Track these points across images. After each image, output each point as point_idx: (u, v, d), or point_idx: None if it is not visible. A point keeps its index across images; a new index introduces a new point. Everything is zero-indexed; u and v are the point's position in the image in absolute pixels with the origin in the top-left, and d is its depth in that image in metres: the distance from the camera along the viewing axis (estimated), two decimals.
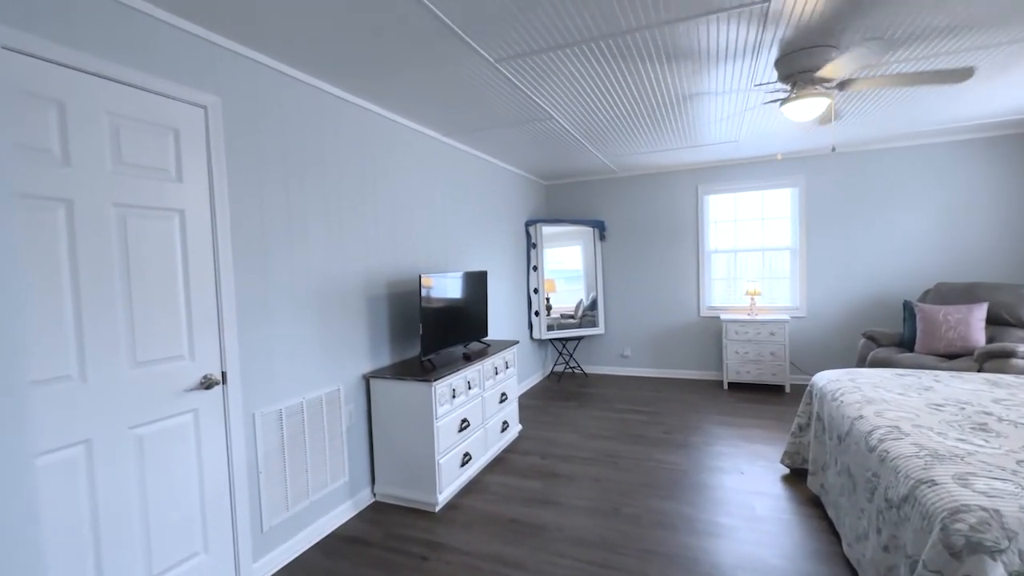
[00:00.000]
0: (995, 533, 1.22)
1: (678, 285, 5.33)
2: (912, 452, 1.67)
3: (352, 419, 2.69)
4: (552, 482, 2.97)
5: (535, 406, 4.53)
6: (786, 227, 4.96)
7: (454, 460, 2.79)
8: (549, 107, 2.99)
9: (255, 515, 2.11)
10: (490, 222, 4.43)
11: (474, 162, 4.13)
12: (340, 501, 2.58)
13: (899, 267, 4.51)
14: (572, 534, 2.40)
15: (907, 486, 1.54)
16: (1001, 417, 1.96)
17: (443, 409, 2.70)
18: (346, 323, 2.64)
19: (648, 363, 5.49)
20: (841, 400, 2.35)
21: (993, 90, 3.02)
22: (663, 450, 3.38)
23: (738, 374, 4.75)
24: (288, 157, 2.30)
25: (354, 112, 2.72)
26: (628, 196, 5.48)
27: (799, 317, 4.86)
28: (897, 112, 3.43)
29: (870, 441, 1.89)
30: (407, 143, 3.19)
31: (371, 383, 2.76)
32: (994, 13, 2.01)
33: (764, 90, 2.82)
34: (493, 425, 3.29)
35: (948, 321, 3.62)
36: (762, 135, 3.99)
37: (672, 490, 2.81)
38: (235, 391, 2.02)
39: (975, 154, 4.23)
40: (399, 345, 3.10)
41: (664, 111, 3.16)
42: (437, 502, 2.63)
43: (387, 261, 2.98)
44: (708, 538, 2.33)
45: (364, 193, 2.79)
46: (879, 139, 4.28)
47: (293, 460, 2.29)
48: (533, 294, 5.26)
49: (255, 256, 2.13)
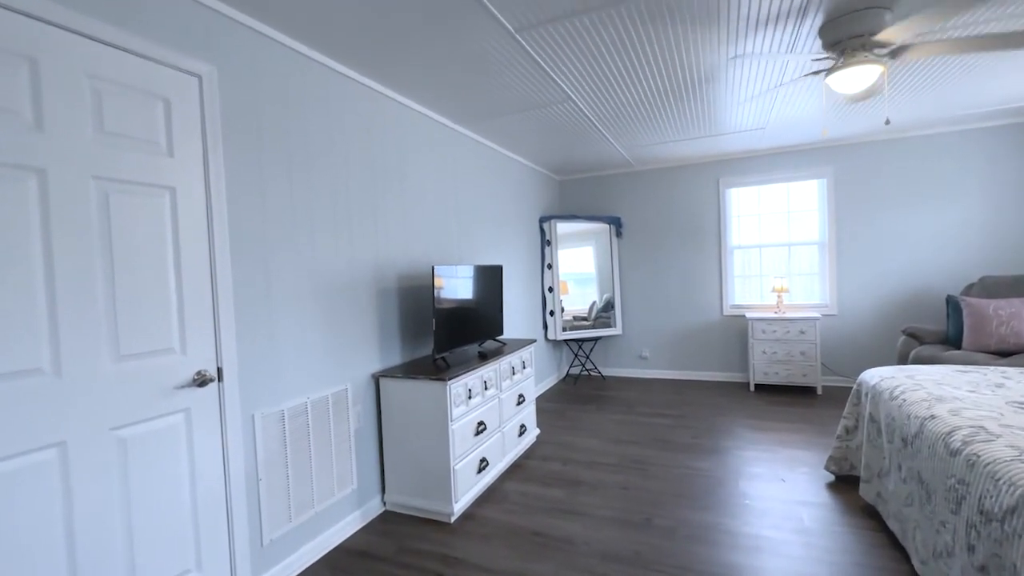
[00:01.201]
0: None
1: (699, 283, 5.10)
2: (1012, 456, 1.43)
3: (361, 421, 2.49)
4: (576, 490, 2.74)
5: (552, 409, 4.30)
6: (814, 221, 4.71)
7: (470, 466, 2.57)
8: (568, 87, 2.80)
9: (254, 527, 1.91)
10: (503, 217, 4.23)
11: (487, 153, 3.94)
12: (348, 511, 2.38)
13: (938, 260, 4.24)
14: (601, 548, 2.18)
15: (1013, 496, 1.30)
16: None
17: (459, 411, 2.49)
18: (354, 318, 2.45)
19: (668, 365, 5.25)
20: (903, 399, 2.11)
21: None
22: (692, 456, 3.14)
23: (766, 375, 4.49)
24: (291, 137, 2.12)
25: (362, 93, 2.54)
26: (645, 191, 5.27)
27: (830, 315, 4.60)
28: (942, 93, 3.20)
29: (951, 444, 1.65)
30: (418, 130, 3.01)
31: (381, 383, 2.56)
32: None
33: (804, 61, 2.61)
34: (511, 429, 3.07)
35: (999, 316, 3.36)
36: (791, 122, 3.77)
37: (707, 499, 2.57)
38: (232, 390, 1.82)
39: (1019, 139, 3.97)
40: (411, 343, 2.90)
41: (690, 89, 2.95)
42: (453, 512, 2.42)
43: (398, 253, 2.79)
44: (753, 554, 2.09)
45: (373, 180, 2.61)
46: (915, 125, 4.04)
47: (297, 466, 2.09)
48: (548, 293, 5.05)
49: (255, 243, 1.95)
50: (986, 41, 2.17)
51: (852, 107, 3.47)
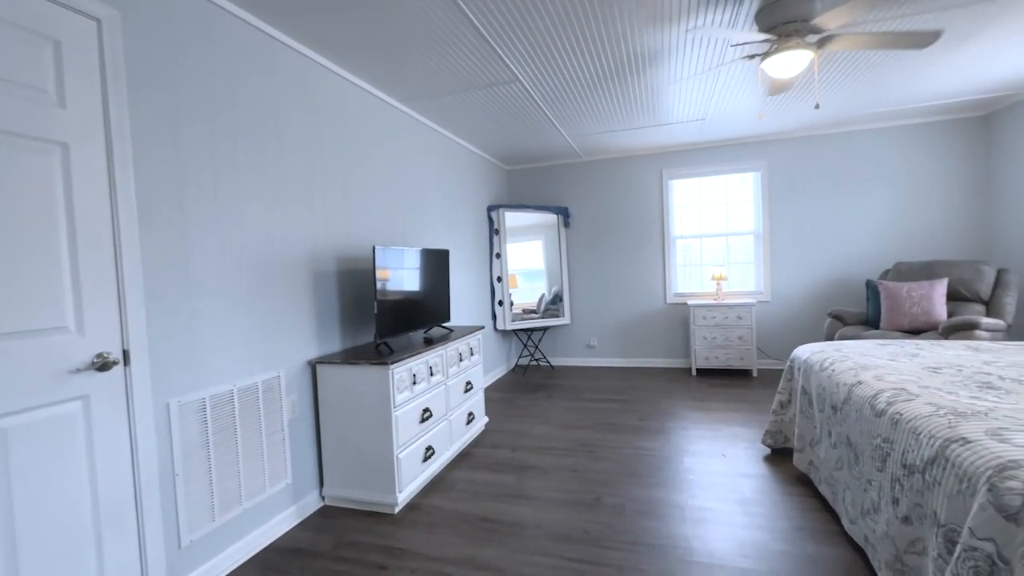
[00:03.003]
0: None
1: (644, 272, 5.21)
2: (930, 412, 1.52)
3: (296, 411, 2.32)
4: (525, 475, 2.70)
5: (502, 399, 4.25)
6: (749, 212, 4.94)
7: (415, 455, 2.47)
8: (513, 64, 2.74)
9: (170, 528, 1.72)
10: (451, 204, 4.13)
11: (434, 137, 3.82)
12: (281, 507, 2.21)
13: (859, 248, 4.56)
14: (552, 530, 2.14)
15: (933, 447, 1.38)
16: (1001, 376, 1.86)
17: (402, 396, 2.38)
18: (288, 301, 2.28)
19: (615, 352, 5.34)
20: (832, 369, 2.21)
21: (956, 65, 3.04)
22: (639, 437, 3.19)
23: (707, 360, 4.66)
24: (217, 102, 1.93)
25: (300, 63, 2.37)
26: (592, 182, 5.33)
27: (764, 301, 4.84)
28: (864, 88, 3.42)
29: (877, 405, 1.74)
30: (361, 107, 2.86)
31: (318, 370, 2.40)
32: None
33: (739, 52, 2.69)
34: (458, 416, 2.99)
35: (912, 297, 3.64)
36: (728, 115, 3.91)
37: (654, 477, 2.61)
38: (142, 375, 1.63)
39: (930, 137, 4.34)
40: (351, 329, 2.74)
41: (633, 70, 2.98)
42: (396, 502, 2.30)
43: (338, 234, 2.63)
44: (699, 524, 2.13)
45: (311, 156, 2.44)
46: (838, 122, 4.31)
47: (221, 460, 1.91)
48: (496, 283, 4.99)
49: (171, 212, 1.75)
50: (897, 38, 2.32)
51: (784, 102, 3.64)
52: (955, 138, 4.28)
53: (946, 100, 3.81)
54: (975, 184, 4.26)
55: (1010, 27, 2.57)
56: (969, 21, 2.50)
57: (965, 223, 4.30)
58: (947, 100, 3.81)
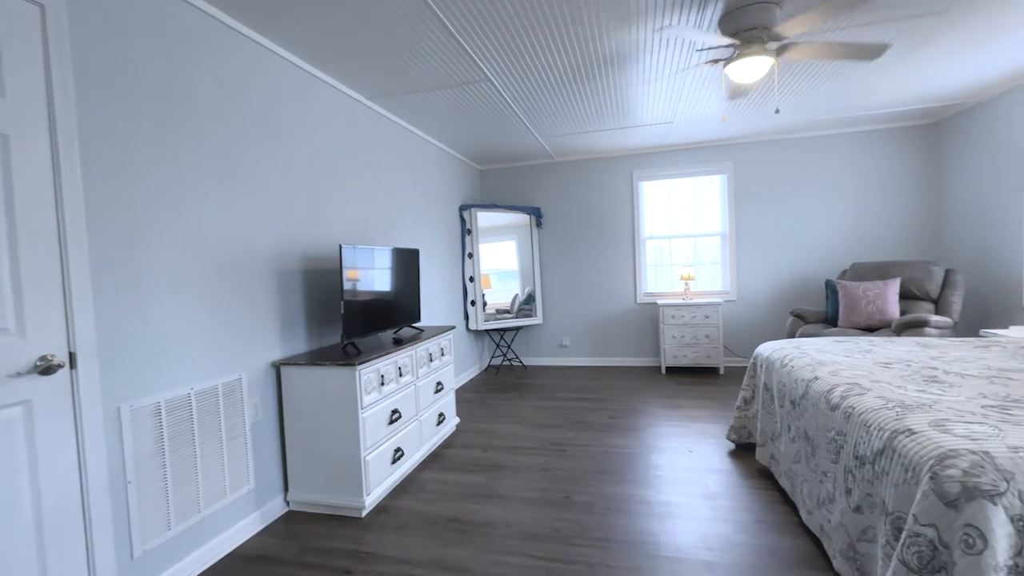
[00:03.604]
0: (991, 475, 1.12)
1: (615, 272, 5.28)
2: (879, 405, 1.58)
3: (259, 414, 2.25)
4: (496, 475, 2.70)
5: (474, 399, 4.24)
6: (716, 213, 5.06)
7: (384, 456, 2.43)
8: (484, 64, 2.74)
9: (122, 538, 1.64)
10: (422, 203, 4.09)
11: (405, 135, 3.78)
12: (243, 514, 2.14)
13: (819, 249, 4.73)
14: (521, 529, 2.14)
15: (882, 439, 1.44)
16: (946, 370, 1.96)
17: (370, 398, 2.34)
18: (251, 301, 2.21)
19: (587, 352, 5.39)
20: (792, 365, 2.29)
21: (906, 76, 3.18)
22: (610, 435, 3.23)
23: (675, 358, 4.75)
24: (172, 91, 1.85)
25: (263, 56, 2.30)
26: (564, 183, 5.37)
27: (730, 301, 4.97)
28: (822, 95, 3.55)
29: (831, 399, 1.80)
30: (329, 104, 2.80)
31: (283, 371, 2.34)
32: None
33: (704, 56, 2.76)
34: (428, 417, 2.96)
35: (867, 296, 3.80)
36: (694, 119, 4.00)
37: (623, 474, 2.64)
38: (90, 378, 1.55)
39: (884, 143, 4.53)
40: (318, 329, 2.69)
41: (602, 71, 3.01)
42: (364, 506, 2.27)
43: (303, 233, 2.57)
44: (666, 519, 2.16)
45: (274, 151, 2.37)
46: (800, 128, 4.47)
47: (178, 466, 1.84)
48: (469, 283, 4.97)
49: (123, 209, 1.68)
50: (848, 49, 2.42)
51: (747, 108, 3.75)
52: (907, 144, 4.49)
53: (898, 108, 3.99)
54: (925, 188, 4.47)
55: (952, 41, 2.71)
56: (916, 35, 2.62)
57: (916, 225, 4.51)
58: (899, 108, 3.99)
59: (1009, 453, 1.16)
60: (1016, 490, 1.09)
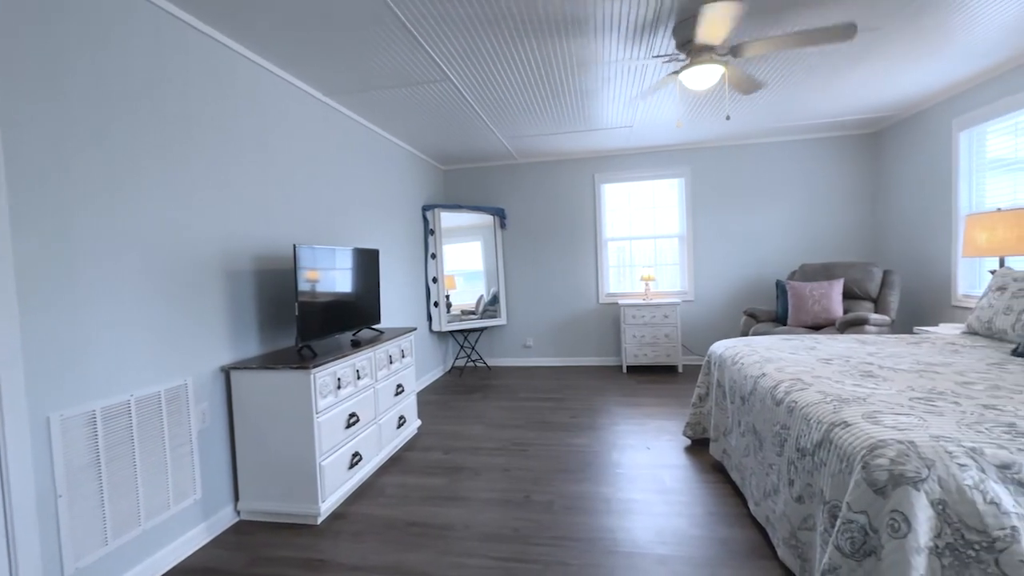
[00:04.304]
0: (914, 463, 1.20)
1: (578, 273, 5.35)
2: (819, 399, 1.67)
3: (206, 421, 2.16)
4: (457, 477, 2.68)
5: (437, 401, 4.20)
6: (675, 216, 5.21)
7: (341, 461, 2.38)
8: (444, 64, 2.72)
9: (51, 555, 1.54)
10: (383, 202, 4.03)
11: (365, 133, 3.71)
12: (189, 525, 2.05)
13: (770, 250, 4.94)
14: (481, 530, 2.14)
15: (820, 431, 1.51)
16: (880, 365, 2.08)
17: (326, 402, 2.28)
18: (198, 303, 2.12)
19: (551, 352, 5.44)
20: (742, 362, 2.38)
21: (847, 87, 3.37)
22: (571, 434, 3.26)
23: (636, 357, 4.85)
24: (107, 79, 1.75)
25: (212, 48, 2.21)
26: (528, 184, 5.40)
27: (688, 300, 5.12)
28: (767, 105, 3.71)
29: (776, 395, 1.88)
30: (283, 98, 2.72)
31: (233, 376, 2.25)
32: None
33: (661, 60, 2.83)
34: (388, 420, 2.92)
35: (814, 296, 3.99)
36: (653, 124, 4.11)
37: (583, 472, 2.67)
38: (14, 387, 1.45)
39: (829, 151, 4.78)
40: (271, 332, 2.60)
41: (562, 74, 3.04)
42: (319, 513, 2.21)
43: (255, 232, 2.49)
44: (624, 516, 2.21)
45: (223, 146, 2.28)
46: (752, 134, 4.65)
47: (116, 477, 1.74)
48: (432, 284, 4.93)
49: (49, 203, 1.57)
50: (813, 35, 2.46)
51: (701, 114, 3.87)
52: (850, 153, 4.74)
53: (841, 118, 4.21)
54: (866, 194, 4.74)
55: (888, 56, 2.89)
56: (853, 49, 2.77)
57: (859, 228, 4.78)
58: (842, 118, 4.21)
59: (931, 442, 1.25)
60: (936, 476, 1.17)
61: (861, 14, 2.37)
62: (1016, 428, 1.30)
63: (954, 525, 1.13)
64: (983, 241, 2.92)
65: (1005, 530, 1.09)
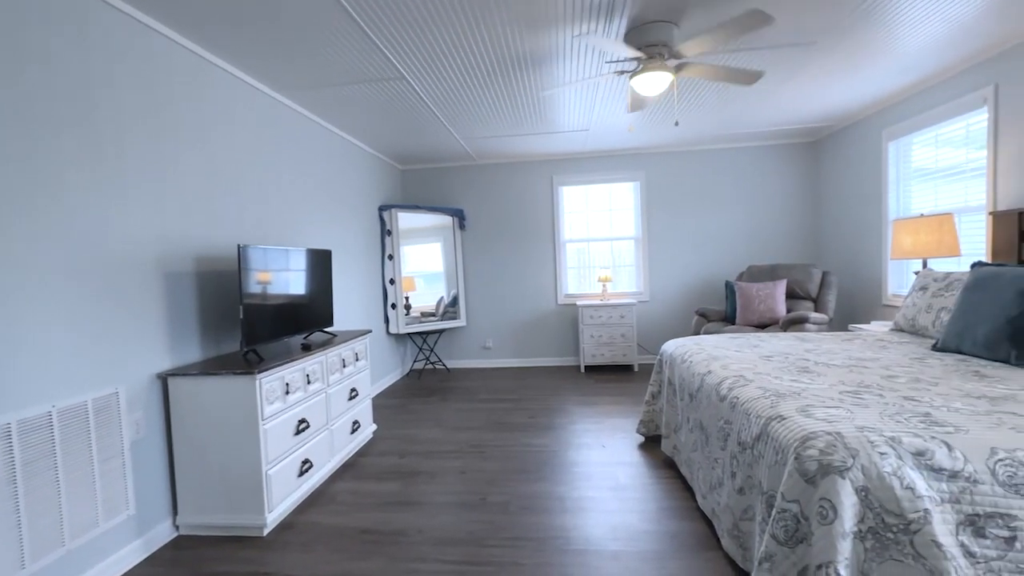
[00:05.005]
0: (841, 453, 1.27)
1: (537, 274, 5.39)
2: (759, 395, 1.74)
3: (141, 431, 2.04)
4: (412, 481, 2.64)
5: (394, 405, 4.13)
6: (631, 218, 5.33)
7: (289, 469, 2.30)
8: (399, 62, 2.68)
9: None
10: (338, 202, 3.93)
11: (318, 131, 3.61)
12: (121, 543, 1.92)
13: (721, 252, 5.14)
14: (435, 535, 2.11)
15: (759, 425, 1.58)
16: (816, 361, 2.20)
17: (273, 408, 2.20)
18: (131, 306, 2.00)
19: (510, 353, 5.45)
20: (691, 361, 2.46)
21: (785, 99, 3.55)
22: (528, 434, 3.28)
23: (593, 357, 4.94)
24: (26, 67, 1.63)
25: (146, 35, 2.09)
26: (487, 185, 5.40)
27: (644, 301, 5.26)
28: (713, 113, 3.86)
29: (720, 391, 1.96)
30: (228, 92, 2.60)
31: (171, 383, 2.14)
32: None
33: (613, 67, 2.90)
34: (341, 426, 2.84)
35: (759, 296, 4.18)
36: (608, 128, 4.19)
37: (540, 472, 2.69)
38: None
39: (774, 157, 5.02)
40: (215, 336, 2.48)
41: (518, 75, 3.06)
42: (266, 523, 2.12)
43: (197, 231, 2.37)
44: (578, 514, 2.23)
45: (159, 141, 2.16)
46: (701, 141, 4.83)
47: (34, 495, 1.61)
48: (389, 285, 4.84)
49: None
50: (730, 73, 2.64)
51: (652, 119, 3.99)
52: (793, 160, 5.00)
53: (784, 127, 4.44)
54: (807, 199, 5.01)
55: (824, 68, 3.06)
56: (793, 62, 2.93)
57: (801, 231, 5.04)
58: (785, 127, 4.44)
59: (856, 432, 1.33)
60: (860, 464, 1.24)
61: (800, 26, 2.50)
62: (930, 417, 1.41)
63: (875, 510, 1.20)
64: (908, 244, 3.14)
65: (919, 512, 1.17)
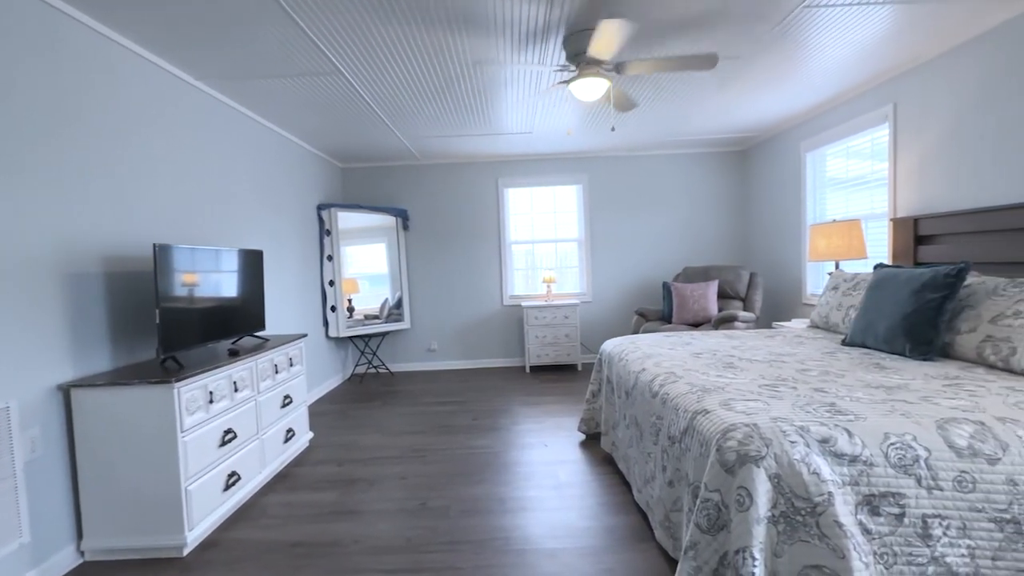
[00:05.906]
0: (756, 443, 1.35)
1: (482, 276, 5.39)
2: (687, 390, 1.82)
3: (37, 450, 1.84)
4: (350, 490, 2.56)
5: (333, 411, 3.98)
6: (574, 220, 5.44)
7: (213, 483, 2.16)
8: (333, 55, 2.59)
9: None
10: (271, 200, 3.74)
11: (250, 125, 3.42)
12: (14, 575, 1.73)
13: (659, 254, 5.35)
14: (372, 543, 2.05)
15: (686, 419, 1.65)
16: (740, 357, 2.33)
17: (194, 419, 2.05)
18: (22, 311, 1.80)
19: (455, 355, 5.41)
20: (627, 359, 2.54)
21: (715, 109, 3.75)
22: (471, 436, 3.26)
23: (538, 357, 4.99)
24: None
25: (46, 15, 1.89)
26: (431, 185, 5.33)
27: (587, 301, 5.38)
28: (649, 120, 4.02)
29: (653, 388, 2.03)
30: (141, 77, 2.40)
31: (73, 395, 1.95)
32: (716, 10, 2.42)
33: (552, 69, 2.94)
34: (274, 434, 2.70)
35: (693, 296, 4.38)
36: (551, 131, 4.26)
37: (482, 474, 2.68)
38: None
39: (707, 164, 5.29)
40: (128, 343, 2.29)
41: (460, 74, 3.02)
42: (185, 543, 1.98)
43: (106, 229, 2.17)
44: (519, 514, 2.24)
45: (58, 128, 1.96)
46: (639, 147, 5.01)
47: None
48: (328, 287, 4.67)
49: None
50: (682, 62, 2.71)
51: (591, 124, 4.09)
52: (723, 167, 5.29)
53: (714, 135, 4.68)
54: (737, 204, 5.32)
55: (747, 81, 3.26)
56: (719, 73, 3.09)
57: (731, 234, 5.34)
58: (715, 135, 4.69)
59: (771, 423, 1.41)
60: (773, 453, 1.32)
61: (727, 41, 2.63)
62: (835, 407, 1.53)
63: (786, 495, 1.29)
64: (823, 247, 3.39)
65: (823, 495, 1.27)
